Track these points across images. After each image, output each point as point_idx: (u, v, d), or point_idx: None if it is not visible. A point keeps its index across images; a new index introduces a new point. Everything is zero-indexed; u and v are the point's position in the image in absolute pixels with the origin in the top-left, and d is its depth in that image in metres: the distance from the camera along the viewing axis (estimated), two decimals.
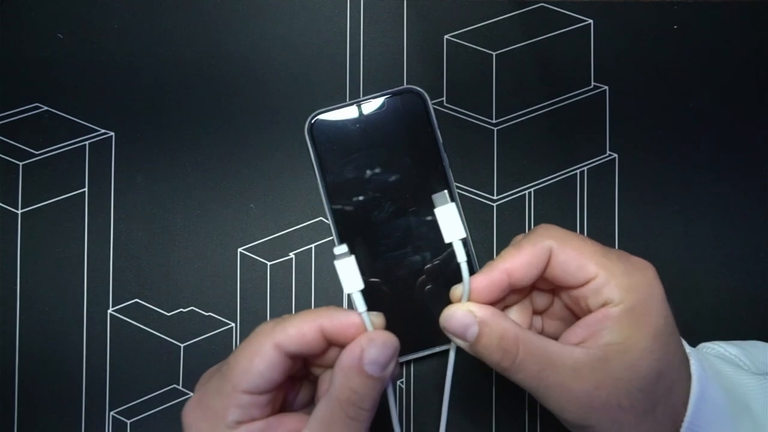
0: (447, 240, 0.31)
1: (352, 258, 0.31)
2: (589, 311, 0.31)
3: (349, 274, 0.31)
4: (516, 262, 0.30)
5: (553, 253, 0.30)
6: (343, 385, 0.29)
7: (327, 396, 0.30)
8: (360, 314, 0.30)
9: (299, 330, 0.29)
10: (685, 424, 0.30)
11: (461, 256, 0.31)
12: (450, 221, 0.31)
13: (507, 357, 0.30)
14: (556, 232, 0.31)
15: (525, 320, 0.33)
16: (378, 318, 0.31)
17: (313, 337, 0.29)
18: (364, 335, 0.30)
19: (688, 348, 0.32)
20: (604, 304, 0.30)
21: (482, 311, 0.30)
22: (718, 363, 0.33)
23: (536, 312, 0.34)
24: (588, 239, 0.31)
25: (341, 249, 0.31)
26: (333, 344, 0.31)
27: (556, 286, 0.32)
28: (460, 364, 0.40)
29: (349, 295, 0.31)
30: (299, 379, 0.34)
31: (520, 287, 0.31)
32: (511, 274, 0.31)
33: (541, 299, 0.34)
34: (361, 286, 0.31)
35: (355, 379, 0.29)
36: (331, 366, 0.31)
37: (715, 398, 0.31)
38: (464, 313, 0.30)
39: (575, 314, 0.32)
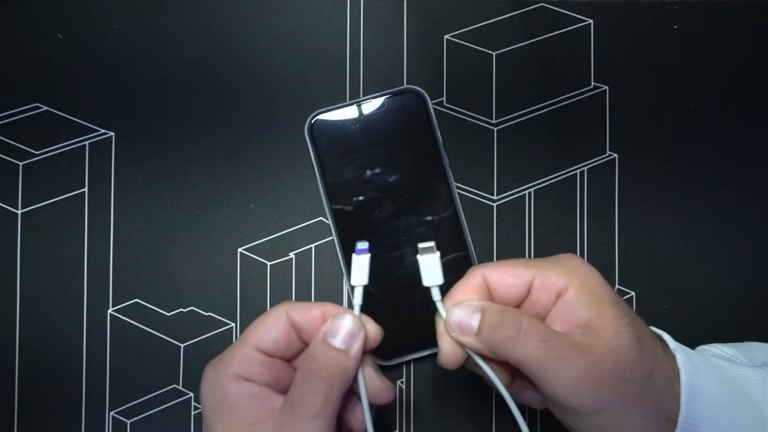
0: (425, 284, 0.33)
1: (368, 256, 0.33)
2: (548, 311, 0.32)
3: (361, 269, 0.33)
4: (489, 268, 0.33)
5: (489, 277, 0.32)
6: (310, 355, 0.31)
7: (300, 369, 0.32)
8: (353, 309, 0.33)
9: (308, 309, 0.33)
10: (681, 415, 0.30)
11: (436, 296, 0.33)
12: (431, 269, 0.33)
13: (513, 327, 0.30)
14: (485, 264, 0.33)
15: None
16: (371, 323, 0.33)
17: (316, 315, 0.33)
18: (338, 314, 0.32)
19: (672, 344, 0.32)
20: (558, 296, 0.31)
21: (481, 300, 0.32)
22: (713, 359, 0.33)
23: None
24: (515, 258, 0.34)
25: (363, 245, 0.33)
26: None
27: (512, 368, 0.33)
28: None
29: (351, 288, 0.33)
30: None
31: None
32: (485, 276, 0.33)
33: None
34: (366, 281, 0.33)
35: (320, 349, 0.31)
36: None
37: (709, 388, 0.31)
38: (462, 305, 0.32)
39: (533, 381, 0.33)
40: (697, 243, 0.41)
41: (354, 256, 0.33)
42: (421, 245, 0.33)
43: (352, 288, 0.33)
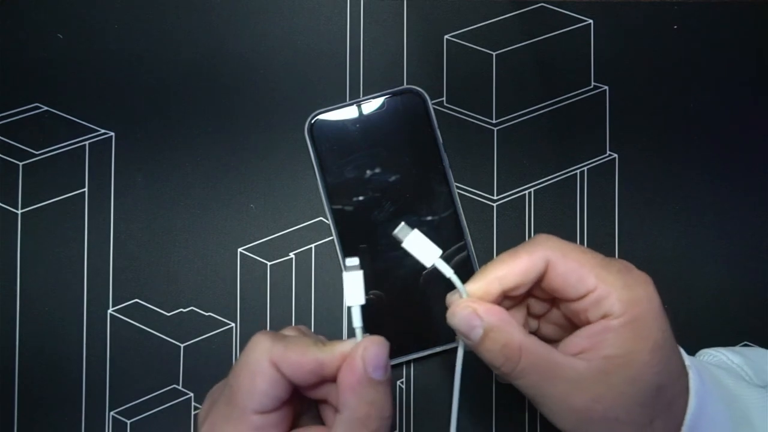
0: (428, 264, 0.31)
1: (361, 273, 0.30)
2: (588, 322, 0.30)
3: (354, 287, 0.30)
4: (510, 269, 0.30)
5: (553, 264, 0.30)
6: (357, 403, 0.28)
7: (342, 421, 0.28)
8: (356, 329, 0.30)
9: (298, 359, 0.29)
10: None
11: (448, 272, 0.31)
12: (421, 247, 0.31)
13: (508, 364, 0.29)
14: (556, 243, 0.30)
15: (519, 322, 0.33)
16: (375, 340, 0.31)
17: (309, 367, 0.29)
18: (357, 346, 0.29)
19: (687, 360, 0.31)
20: (604, 316, 0.29)
21: (489, 315, 0.30)
22: (719, 373, 0.33)
23: (533, 316, 0.34)
24: (588, 250, 0.31)
25: (353, 261, 0.30)
26: (326, 381, 0.30)
27: (554, 297, 0.32)
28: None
29: (349, 308, 0.31)
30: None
31: (513, 296, 0.31)
32: (503, 283, 0.30)
33: (538, 306, 0.33)
34: (363, 301, 0.30)
35: (368, 391, 0.28)
36: (317, 398, 0.31)
37: (714, 412, 0.30)
38: (469, 313, 0.30)
39: (573, 323, 0.32)
40: (697, 243, 0.41)
41: (345, 275, 0.30)
42: (395, 231, 0.31)
43: (349, 308, 0.31)
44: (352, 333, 0.41)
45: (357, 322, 0.30)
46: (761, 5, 0.42)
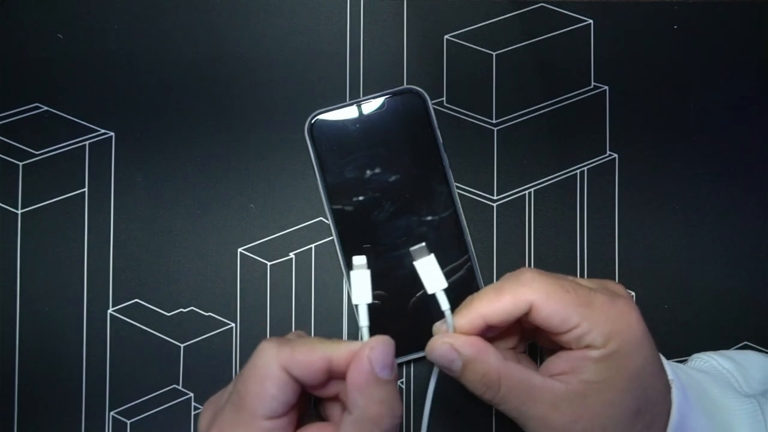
0: (429, 291, 0.32)
1: (368, 272, 0.31)
2: (570, 348, 0.31)
3: (361, 285, 0.31)
4: (493, 308, 0.31)
5: (536, 307, 0.30)
6: (367, 403, 0.29)
7: (352, 421, 0.29)
8: (361, 328, 0.31)
9: (307, 357, 0.29)
10: None
11: (444, 305, 0.32)
12: (430, 273, 0.32)
13: (489, 391, 0.31)
14: (540, 284, 0.31)
15: (510, 345, 0.34)
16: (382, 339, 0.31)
17: (319, 365, 0.29)
18: (363, 347, 0.29)
19: (671, 374, 0.32)
20: (586, 347, 0.30)
21: (467, 348, 0.31)
22: (706, 383, 0.33)
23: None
24: (572, 287, 0.31)
25: (360, 260, 0.31)
26: (335, 378, 0.30)
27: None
28: None
29: (355, 306, 0.31)
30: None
31: (496, 329, 0.32)
32: (487, 319, 0.31)
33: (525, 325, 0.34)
34: (370, 300, 0.31)
35: (377, 391, 0.29)
36: (327, 396, 0.31)
37: (695, 427, 0.31)
38: (447, 348, 0.31)
39: (555, 343, 0.33)
40: (697, 243, 0.41)
41: (352, 273, 0.31)
42: (413, 249, 0.31)
43: (356, 307, 0.31)
44: (352, 333, 0.41)
45: (363, 321, 0.31)
46: (761, 5, 0.42)
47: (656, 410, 0.31)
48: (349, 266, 0.32)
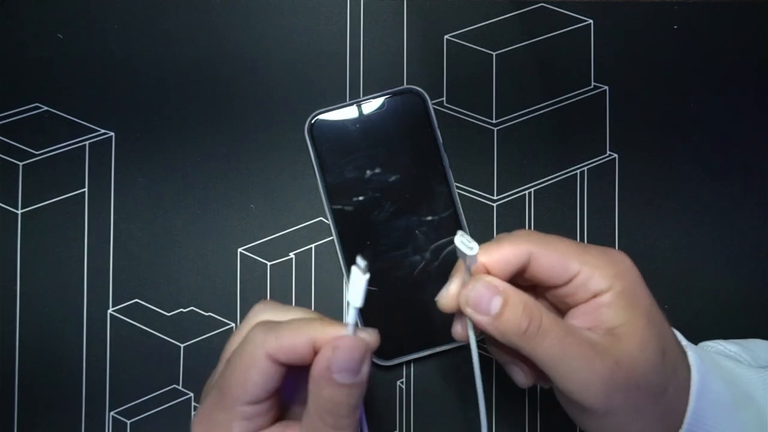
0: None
1: (366, 277, 0.29)
2: (577, 305, 0.31)
3: (357, 288, 0.29)
4: (494, 257, 0.30)
5: (536, 256, 0.30)
6: (317, 396, 0.28)
7: (307, 409, 0.29)
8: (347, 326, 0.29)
9: (291, 342, 0.29)
10: (688, 413, 0.30)
11: (351, 319, 0.29)
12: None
13: (533, 323, 0.29)
14: (538, 236, 0.31)
15: None
16: (368, 332, 0.30)
17: (304, 349, 0.29)
18: (329, 343, 0.28)
19: (684, 341, 0.32)
20: (594, 295, 0.30)
21: (502, 282, 0.30)
22: (718, 358, 0.33)
23: None
24: (566, 239, 0.31)
25: (363, 262, 0.30)
26: None
27: (535, 285, 0.32)
28: (459, 364, 0.40)
29: (348, 303, 0.30)
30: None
31: None
32: (489, 269, 0.31)
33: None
34: (360, 304, 0.29)
35: (327, 389, 0.28)
36: None
37: (716, 388, 0.31)
38: (486, 284, 0.30)
39: (560, 309, 0.32)
40: (697, 243, 0.41)
41: (353, 269, 0.29)
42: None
43: (348, 303, 0.30)
44: None
45: (351, 319, 0.29)
46: (761, 5, 0.42)
47: (676, 356, 0.30)
48: (350, 265, 0.31)
